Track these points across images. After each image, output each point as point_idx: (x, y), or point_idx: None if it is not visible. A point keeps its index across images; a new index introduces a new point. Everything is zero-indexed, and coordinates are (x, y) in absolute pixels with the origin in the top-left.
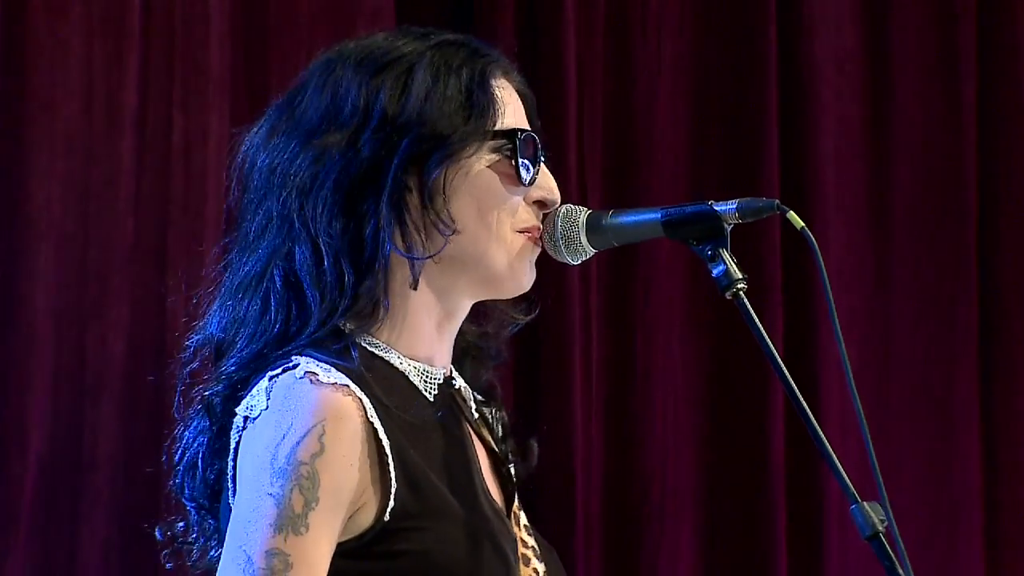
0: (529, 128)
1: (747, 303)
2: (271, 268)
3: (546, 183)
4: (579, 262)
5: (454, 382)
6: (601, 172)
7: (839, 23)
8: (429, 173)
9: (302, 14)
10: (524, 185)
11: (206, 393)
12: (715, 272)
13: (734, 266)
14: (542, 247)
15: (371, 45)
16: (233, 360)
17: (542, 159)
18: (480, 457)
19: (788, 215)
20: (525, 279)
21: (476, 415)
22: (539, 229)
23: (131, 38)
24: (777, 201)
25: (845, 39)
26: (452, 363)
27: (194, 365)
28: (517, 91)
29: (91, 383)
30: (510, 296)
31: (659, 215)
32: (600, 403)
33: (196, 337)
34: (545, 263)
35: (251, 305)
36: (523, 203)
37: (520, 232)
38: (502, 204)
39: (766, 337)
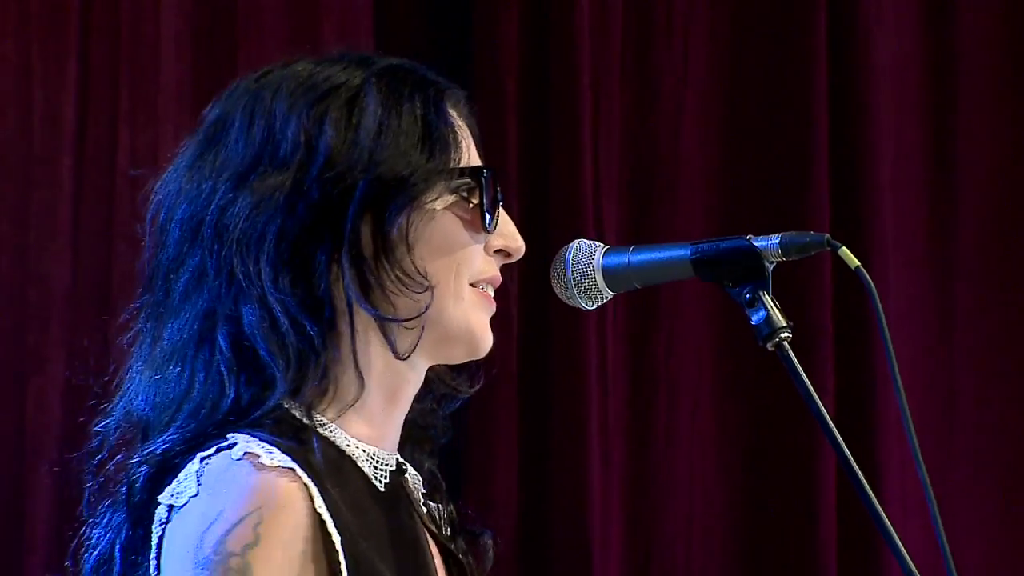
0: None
1: (792, 355)
2: (214, 332)
3: (508, 229)
4: (594, 307)
5: (404, 469)
6: (618, 200)
7: (898, 24)
8: (390, 220)
9: (269, 9)
10: (487, 231)
11: (130, 476)
12: (754, 319)
13: (777, 312)
14: (495, 303)
15: (303, 71)
16: (170, 437)
17: (501, 201)
18: (434, 556)
19: (840, 252)
20: (484, 342)
21: (424, 508)
22: (499, 281)
23: (68, 38)
24: (827, 236)
25: (905, 43)
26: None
27: (103, 455)
28: (466, 122)
29: (30, 451)
30: (463, 360)
31: (688, 252)
32: (618, 472)
33: (110, 420)
34: (558, 307)
35: (193, 376)
36: (483, 252)
37: (475, 285)
38: (463, 254)
39: (814, 395)
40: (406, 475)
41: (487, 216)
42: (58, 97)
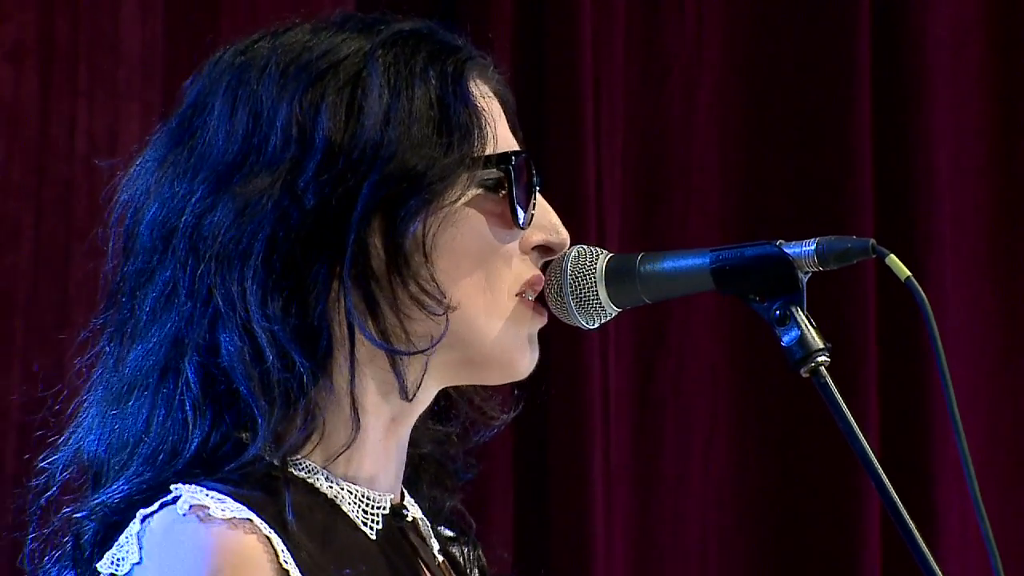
0: (520, 148)
1: (830, 383)
2: (181, 363)
3: (548, 220)
4: (595, 326)
5: (406, 512)
6: (623, 199)
7: None
8: (402, 227)
9: None
10: (521, 227)
11: (75, 532)
12: (785, 340)
13: (812, 331)
14: (546, 310)
15: (297, 44)
16: (121, 487)
17: (538, 187)
18: None
19: (887, 260)
20: (525, 361)
21: (440, 556)
22: (541, 283)
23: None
24: (872, 241)
25: (965, 9)
26: (404, 484)
27: (52, 493)
28: (495, 93)
29: None
30: (497, 383)
31: (708, 260)
32: (622, 518)
33: (59, 456)
34: (553, 326)
35: (152, 413)
36: (518, 251)
37: (519, 295)
38: (495, 258)
39: (856, 430)
40: (408, 519)
41: (518, 210)
42: None
